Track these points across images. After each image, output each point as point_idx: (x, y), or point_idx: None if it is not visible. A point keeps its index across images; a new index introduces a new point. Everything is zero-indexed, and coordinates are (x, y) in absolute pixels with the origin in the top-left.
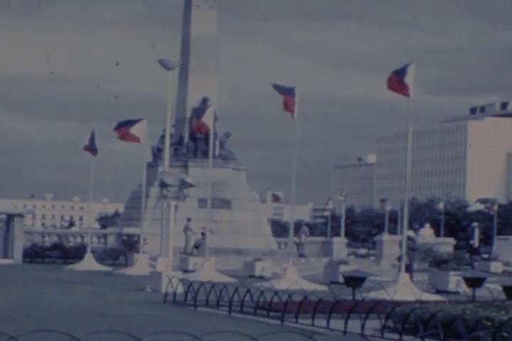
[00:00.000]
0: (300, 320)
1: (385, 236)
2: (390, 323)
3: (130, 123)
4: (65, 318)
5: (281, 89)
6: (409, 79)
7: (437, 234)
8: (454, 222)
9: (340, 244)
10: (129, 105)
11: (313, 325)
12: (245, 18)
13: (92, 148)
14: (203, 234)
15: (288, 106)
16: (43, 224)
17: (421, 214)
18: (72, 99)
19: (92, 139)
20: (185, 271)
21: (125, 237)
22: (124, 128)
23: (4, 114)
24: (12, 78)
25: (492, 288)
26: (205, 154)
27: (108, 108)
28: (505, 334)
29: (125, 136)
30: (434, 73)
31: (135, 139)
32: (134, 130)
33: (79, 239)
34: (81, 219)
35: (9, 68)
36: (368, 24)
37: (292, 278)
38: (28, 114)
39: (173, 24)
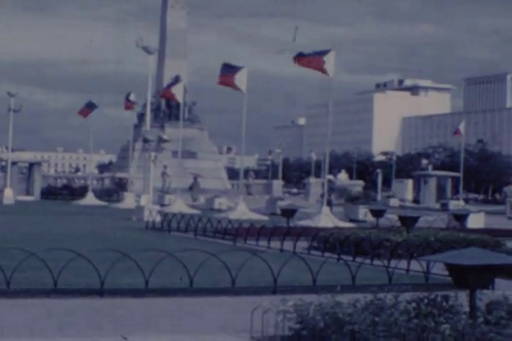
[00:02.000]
0: (248, 241)
1: (312, 179)
2: (315, 243)
3: (127, 97)
4: (72, 240)
5: (228, 68)
6: (329, 61)
7: (350, 177)
8: (363, 169)
9: (278, 185)
10: (120, 81)
11: (257, 245)
12: (208, 15)
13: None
14: (195, 178)
15: (227, 83)
16: (56, 170)
17: (339, 162)
18: (79, 77)
19: (88, 106)
20: (162, 205)
21: (117, 180)
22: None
23: (28, 89)
24: (34, 61)
25: (391, 218)
26: (177, 117)
27: (107, 83)
28: (399, 251)
29: (129, 107)
30: (349, 57)
31: (131, 107)
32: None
33: (82, 181)
34: (84, 166)
35: (32, 53)
36: (301, 20)
37: (242, 210)
38: (44, 88)
39: (153, 20)
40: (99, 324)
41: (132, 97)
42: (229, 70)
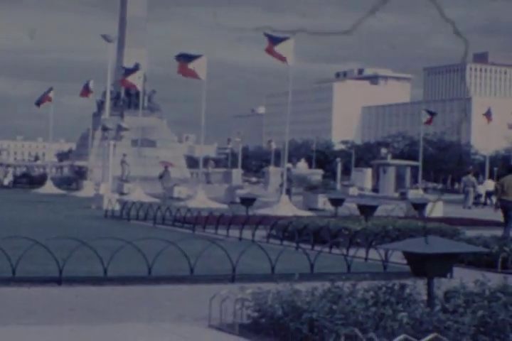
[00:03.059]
0: (207, 230)
1: (271, 168)
2: (274, 232)
3: (86, 85)
4: (30, 228)
5: (186, 57)
6: (287, 49)
7: (310, 166)
8: (323, 158)
9: (237, 174)
10: (80, 69)
11: (216, 234)
12: (168, 3)
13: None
14: (166, 167)
15: (186, 72)
16: (15, 159)
17: (298, 151)
18: (39, 65)
19: (44, 95)
20: (121, 194)
21: (76, 168)
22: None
23: None
24: None
25: (349, 206)
26: (137, 106)
27: (67, 71)
28: (358, 240)
29: (84, 94)
30: (309, 46)
31: (87, 94)
32: (88, 88)
33: (42, 170)
34: (43, 154)
35: None
36: (261, 9)
37: (201, 199)
38: (3, 76)
39: (112, 7)
40: (58, 312)
41: (91, 85)
42: (185, 59)
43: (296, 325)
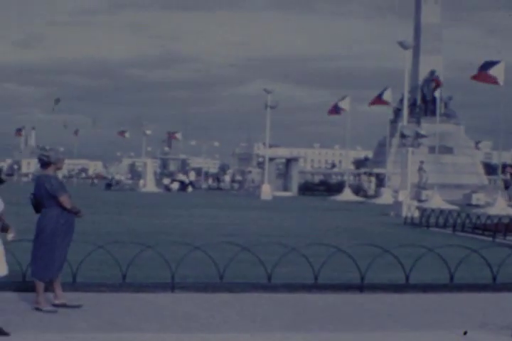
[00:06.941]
0: (508, 237)
1: None
2: None
3: (381, 93)
4: (330, 235)
5: (487, 64)
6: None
7: None
8: None
9: None
10: (375, 76)
11: None
12: (460, 9)
13: (336, 111)
14: (511, 174)
15: (485, 79)
16: (312, 166)
17: None
18: (332, 72)
19: (336, 104)
20: (419, 201)
21: (374, 175)
22: (377, 97)
23: (282, 85)
24: (287, 57)
25: None
26: (433, 113)
27: (361, 78)
28: None
29: (377, 102)
30: None
31: (385, 103)
32: (385, 96)
33: (339, 177)
34: (340, 162)
35: (285, 49)
36: None
37: (501, 206)
38: (298, 84)
39: (407, 15)
40: (359, 319)
41: (388, 93)
42: (486, 67)
43: None
